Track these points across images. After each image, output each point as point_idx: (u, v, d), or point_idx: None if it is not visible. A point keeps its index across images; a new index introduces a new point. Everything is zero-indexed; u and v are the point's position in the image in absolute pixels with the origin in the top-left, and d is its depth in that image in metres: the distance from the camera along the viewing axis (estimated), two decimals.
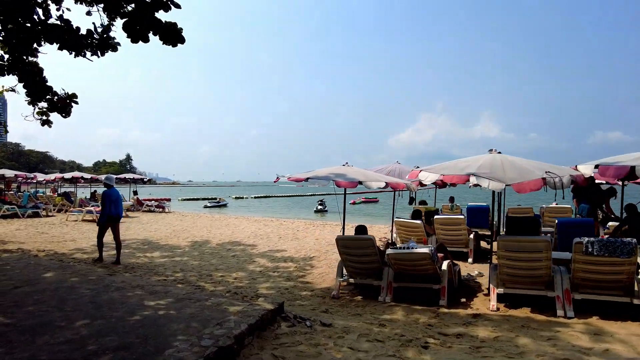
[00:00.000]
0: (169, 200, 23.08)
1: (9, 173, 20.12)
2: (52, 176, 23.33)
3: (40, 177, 23.77)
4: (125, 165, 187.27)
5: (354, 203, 46.03)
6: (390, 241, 10.15)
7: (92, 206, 16.70)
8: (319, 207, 33.85)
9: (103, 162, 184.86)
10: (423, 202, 14.03)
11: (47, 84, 7.32)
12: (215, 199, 47.79)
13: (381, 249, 6.89)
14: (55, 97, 7.40)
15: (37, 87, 7.31)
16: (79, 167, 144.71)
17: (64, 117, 7.62)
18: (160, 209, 22.88)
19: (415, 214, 10.68)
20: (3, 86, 9.01)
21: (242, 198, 60.85)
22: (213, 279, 7.55)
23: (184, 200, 56.35)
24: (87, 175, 22.59)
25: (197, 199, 55.55)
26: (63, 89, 7.34)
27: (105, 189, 8.61)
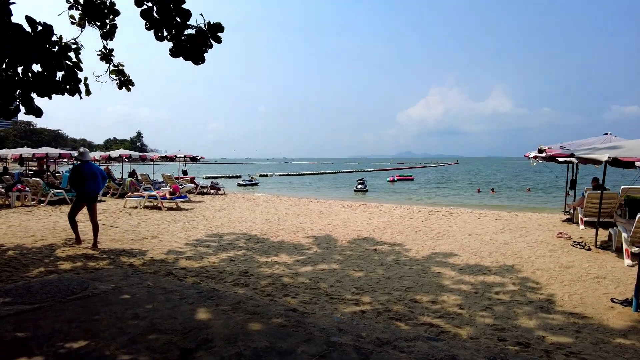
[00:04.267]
0: (193, 178, 20.76)
1: (52, 152, 17.70)
2: (96, 154, 20.77)
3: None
4: (136, 142, 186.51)
5: (392, 181, 44.02)
6: None
7: (156, 189, 14.10)
8: (359, 186, 32.27)
9: (114, 140, 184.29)
10: (600, 185, 11.01)
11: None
12: (247, 177, 45.58)
13: None
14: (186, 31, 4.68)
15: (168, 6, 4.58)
16: (90, 145, 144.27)
17: (198, 63, 4.87)
18: (215, 191, 20.31)
19: None
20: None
21: (267, 176, 58.45)
22: (434, 311, 4.83)
23: (208, 178, 54.17)
24: (136, 154, 20.00)
25: (222, 177, 53.08)
26: (202, 15, 4.58)
27: (78, 163, 7.91)
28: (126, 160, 19.17)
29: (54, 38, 4.81)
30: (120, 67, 6.80)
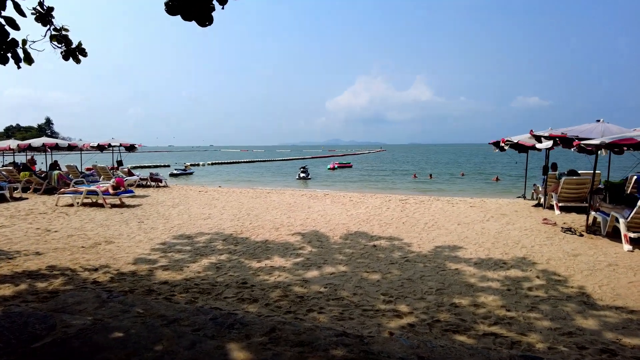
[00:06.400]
0: (117, 168, 18.55)
1: None
2: (11, 142, 17.47)
3: None
4: (45, 130, 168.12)
5: (333, 168, 44.35)
6: None
7: (89, 182, 12.12)
8: (302, 174, 32.10)
9: (17, 127, 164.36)
10: (573, 172, 11.33)
11: None
12: (180, 166, 42.78)
13: None
14: None
15: None
16: None
17: (204, 24, 3.75)
18: (156, 183, 18.34)
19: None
20: None
21: (198, 165, 55.50)
22: (484, 317, 4.30)
23: (134, 168, 50.05)
24: (64, 142, 17.17)
25: (149, 167, 49.24)
26: None
27: None
28: (49, 150, 16.43)
29: None
30: (63, 32, 5.34)
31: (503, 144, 13.22)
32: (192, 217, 10.33)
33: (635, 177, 9.72)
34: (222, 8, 3.25)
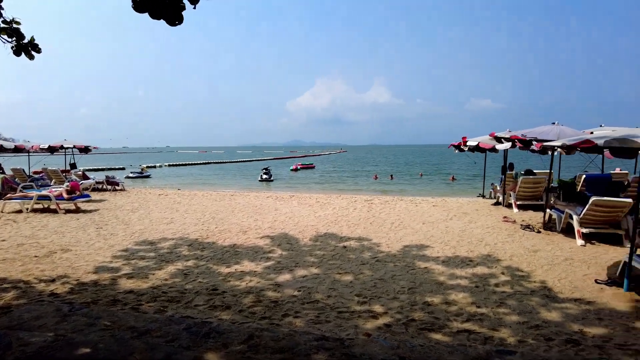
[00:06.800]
0: (69, 171, 17.48)
1: None
2: None
3: None
4: None
5: (295, 169, 44.31)
6: None
7: (39, 186, 11.36)
8: (265, 175, 31.48)
9: None
10: (530, 171, 11.89)
11: None
12: (136, 168, 41.10)
13: None
14: None
15: None
16: None
17: (173, 23, 3.59)
18: (113, 187, 17.49)
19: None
20: None
21: (155, 167, 53.64)
22: (457, 314, 4.43)
23: (88, 171, 47.58)
24: (9, 143, 15.90)
25: (105, 169, 46.98)
26: None
27: None
28: None
29: None
30: (14, 25, 4.99)
31: (463, 145, 13.69)
32: (153, 222, 9.94)
33: (584, 176, 10.36)
34: (194, 8, 3.13)
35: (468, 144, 12.68)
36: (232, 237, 8.28)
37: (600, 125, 8.76)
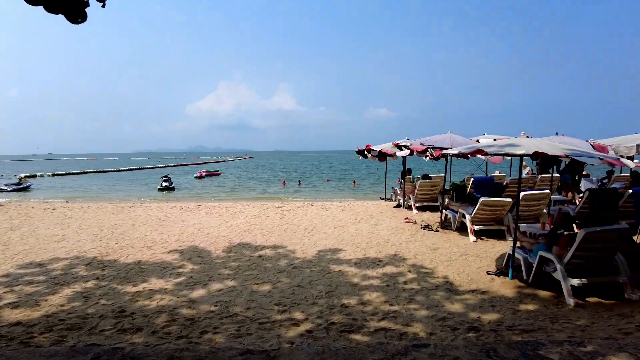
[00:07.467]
0: None
1: None
2: None
3: None
4: None
5: (200, 177, 42.66)
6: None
7: None
8: (164, 184, 29.67)
9: None
10: (426, 176, 12.94)
11: None
12: (13, 179, 35.78)
13: None
14: None
15: None
16: None
17: (75, 21, 3.26)
18: None
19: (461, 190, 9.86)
20: None
21: (35, 177, 47.53)
22: (372, 313, 4.68)
23: None
24: None
25: None
26: None
27: None
28: None
29: None
30: None
31: (367, 152, 14.48)
32: (41, 241, 8.73)
33: (472, 178, 11.66)
34: (103, 6, 2.86)
35: (372, 150, 13.44)
36: (136, 253, 7.66)
37: (484, 134, 9.95)
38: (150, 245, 8.38)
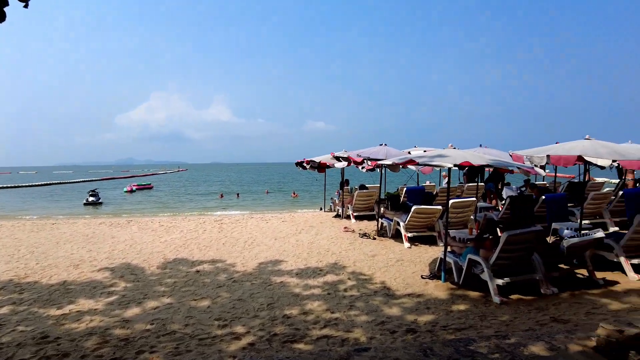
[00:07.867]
0: None
1: None
2: None
3: None
4: None
5: (130, 191, 40.42)
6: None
7: None
8: (91, 198, 28.01)
9: None
10: (363, 186, 13.32)
11: None
12: None
13: None
14: None
15: None
16: None
17: None
18: None
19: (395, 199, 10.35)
20: None
21: None
22: (314, 322, 4.76)
23: None
24: None
25: None
26: None
27: None
28: None
29: None
30: None
31: (306, 164, 14.67)
32: None
33: (405, 188, 12.25)
34: (26, 6, 2.68)
35: (312, 161, 13.64)
36: (61, 273, 7.06)
37: (415, 147, 10.52)
38: (78, 263, 7.77)
